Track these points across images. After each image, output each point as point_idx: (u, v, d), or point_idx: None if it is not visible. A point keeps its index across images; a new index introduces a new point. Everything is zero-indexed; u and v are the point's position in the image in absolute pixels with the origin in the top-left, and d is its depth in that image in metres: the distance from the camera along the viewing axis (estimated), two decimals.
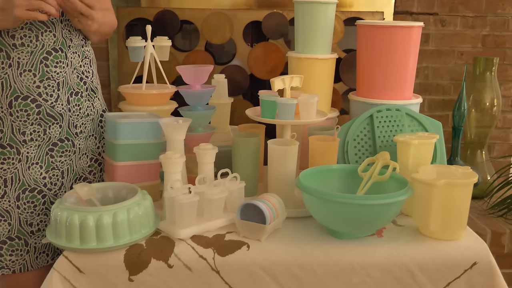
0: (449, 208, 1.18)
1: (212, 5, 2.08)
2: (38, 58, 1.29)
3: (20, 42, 1.27)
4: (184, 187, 1.19)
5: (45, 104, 1.31)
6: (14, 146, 1.31)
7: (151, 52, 1.59)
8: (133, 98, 1.58)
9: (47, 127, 1.33)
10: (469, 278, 1.13)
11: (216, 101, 1.72)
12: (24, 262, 1.35)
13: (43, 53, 1.29)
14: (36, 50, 1.29)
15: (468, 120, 2.09)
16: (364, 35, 1.62)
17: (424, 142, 1.30)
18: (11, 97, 1.28)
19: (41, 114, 1.31)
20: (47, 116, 1.31)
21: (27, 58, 1.28)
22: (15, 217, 1.32)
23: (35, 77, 1.29)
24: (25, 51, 1.27)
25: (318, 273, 1.12)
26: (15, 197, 1.32)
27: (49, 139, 1.34)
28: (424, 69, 2.20)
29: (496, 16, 2.17)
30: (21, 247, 1.34)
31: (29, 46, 1.28)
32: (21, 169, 1.32)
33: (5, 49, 1.27)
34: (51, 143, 1.34)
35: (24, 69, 1.28)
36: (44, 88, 1.30)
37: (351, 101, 1.70)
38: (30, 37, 1.28)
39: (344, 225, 1.17)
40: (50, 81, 1.31)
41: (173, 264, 1.11)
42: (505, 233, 1.85)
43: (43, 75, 1.30)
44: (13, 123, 1.30)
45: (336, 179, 1.32)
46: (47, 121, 1.32)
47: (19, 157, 1.31)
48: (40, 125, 1.32)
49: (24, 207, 1.33)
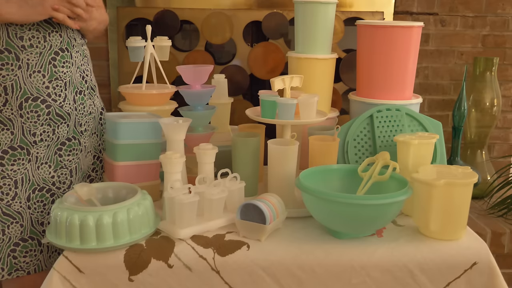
0: (449, 208, 1.17)
1: (212, 5, 2.08)
2: (47, 59, 1.30)
3: (29, 43, 1.28)
4: (184, 187, 1.19)
5: (54, 104, 1.32)
6: (24, 147, 1.31)
7: (151, 52, 1.59)
8: (133, 98, 1.58)
9: (56, 127, 1.34)
10: (469, 278, 1.13)
11: (216, 101, 1.72)
12: (38, 262, 1.35)
13: (51, 54, 1.31)
14: (45, 51, 1.30)
15: (468, 120, 2.09)
16: (364, 35, 1.62)
17: (424, 142, 1.30)
18: (21, 99, 1.28)
19: (50, 115, 1.32)
20: (56, 116, 1.32)
21: (36, 59, 1.28)
22: (27, 217, 1.33)
23: (44, 78, 1.30)
24: (34, 52, 1.28)
25: (318, 273, 1.12)
26: (26, 197, 1.32)
27: (58, 138, 1.35)
28: (424, 69, 2.20)
29: (496, 16, 2.17)
30: (34, 247, 1.34)
31: (38, 47, 1.29)
32: (30, 169, 1.32)
33: (14, 51, 1.27)
34: (60, 143, 1.35)
35: (34, 70, 1.28)
36: (53, 89, 1.31)
37: (351, 101, 1.70)
38: (38, 38, 1.29)
39: (344, 225, 1.17)
40: (58, 81, 1.32)
41: (173, 264, 1.11)
42: (505, 233, 1.85)
43: (51, 76, 1.31)
44: (24, 124, 1.30)
45: (336, 179, 1.32)
46: (56, 121, 1.33)
47: (29, 157, 1.32)
48: (49, 125, 1.32)
49: (34, 206, 1.33)
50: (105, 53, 2.10)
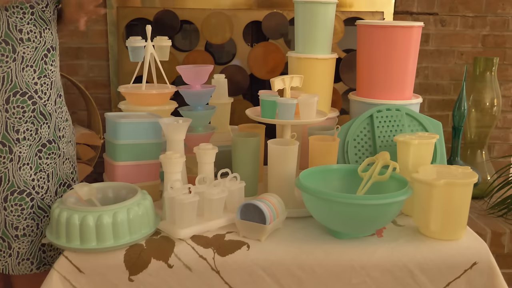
0: (449, 208, 1.17)
1: (212, 5, 2.08)
2: (40, 55, 1.29)
3: (27, 37, 1.27)
4: (184, 187, 1.19)
5: (40, 102, 1.30)
6: (7, 144, 1.27)
7: (151, 52, 1.59)
8: (133, 98, 1.58)
9: (39, 126, 1.31)
10: (469, 278, 1.13)
11: (216, 101, 1.72)
12: (6, 264, 1.31)
13: (44, 50, 1.30)
14: (40, 46, 1.29)
15: (468, 120, 2.09)
16: (364, 35, 1.62)
17: (424, 142, 1.30)
18: (10, 92, 1.26)
19: (35, 112, 1.29)
20: (40, 114, 1.30)
21: (31, 53, 1.28)
22: (1, 218, 1.29)
23: (34, 73, 1.29)
24: (31, 46, 1.27)
25: (318, 273, 1.12)
26: (3, 198, 1.28)
27: (40, 139, 1.31)
28: (424, 69, 2.20)
29: (496, 16, 2.17)
30: (4, 249, 1.30)
31: (34, 41, 1.28)
32: (11, 169, 1.28)
33: (12, 43, 1.26)
34: (41, 144, 1.31)
35: (27, 64, 1.27)
36: (40, 86, 1.30)
37: (351, 101, 1.70)
38: (35, 33, 1.28)
39: (344, 225, 1.17)
40: (46, 78, 1.31)
41: (173, 264, 1.11)
42: (505, 233, 1.85)
43: (41, 72, 1.30)
44: (8, 120, 1.27)
45: (336, 179, 1.32)
46: (40, 120, 1.30)
47: (11, 156, 1.28)
48: (33, 123, 1.30)
49: (11, 209, 1.28)
50: (105, 53, 2.10)
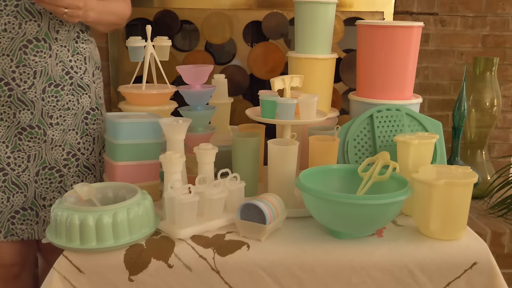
0: (449, 208, 1.17)
1: (212, 5, 2.08)
2: (18, 45, 1.36)
3: (3, 27, 1.35)
4: (184, 187, 1.19)
5: (17, 89, 1.38)
6: None
7: (151, 52, 1.59)
8: (133, 98, 1.58)
9: (17, 111, 1.39)
10: (469, 278, 1.13)
11: (216, 101, 1.72)
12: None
13: (23, 41, 1.36)
14: (17, 37, 1.36)
15: (468, 120, 2.09)
16: (364, 35, 1.62)
17: (424, 142, 1.30)
18: None
19: (11, 98, 1.38)
20: (17, 100, 1.38)
21: (7, 43, 1.35)
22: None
23: (11, 62, 1.36)
24: (6, 37, 1.35)
25: (318, 273, 1.12)
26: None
27: (18, 123, 1.40)
28: (424, 69, 2.20)
29: (496, 16, 2.17)
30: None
31: (11, 32, 1.35)
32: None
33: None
34: (20, 127, 1.40)
35: (3, 53, 1.36)
36: (19, 74, 1.37)
37: (351, 101, 1.70)
38: (13, 24, 1.34)
39: (344, 225, 1.17)
40: (27, 68, 1.38)
41: (173, 264, 1.11)
42: (505, 233, 1.85)
43: (19, 62, 1.37)
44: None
45: (336, 179, 1.32)
46: (17, 105, 1.39)
47: None
48: (10, 107, 1.39)
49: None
50: (105, 53, 2.09)
